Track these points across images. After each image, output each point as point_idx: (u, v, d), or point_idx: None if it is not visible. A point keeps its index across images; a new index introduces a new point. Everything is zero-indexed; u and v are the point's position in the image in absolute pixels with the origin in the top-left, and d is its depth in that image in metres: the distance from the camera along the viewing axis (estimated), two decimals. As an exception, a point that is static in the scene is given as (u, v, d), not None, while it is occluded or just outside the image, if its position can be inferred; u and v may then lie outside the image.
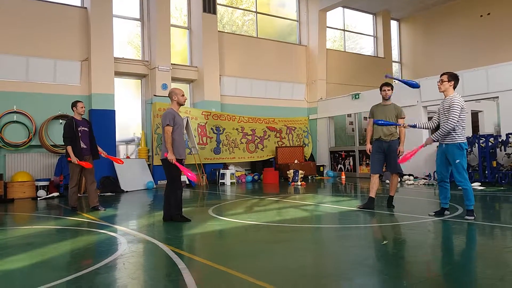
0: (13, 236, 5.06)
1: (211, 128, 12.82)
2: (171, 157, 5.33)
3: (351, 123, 15.00)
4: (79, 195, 7.45)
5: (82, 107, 6.87)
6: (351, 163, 13.90)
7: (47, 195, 9.51)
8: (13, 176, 9.62)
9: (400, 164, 5.96)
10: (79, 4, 11.33)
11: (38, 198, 9.31)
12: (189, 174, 5.40)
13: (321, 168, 14.22)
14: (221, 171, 12.13)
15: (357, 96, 13.81)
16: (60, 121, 10.45)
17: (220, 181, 11.98)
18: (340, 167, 14.23)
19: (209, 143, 12.73)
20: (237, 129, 13.45)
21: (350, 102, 14.06)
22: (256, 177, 13.04)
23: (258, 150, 13.88)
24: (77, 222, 5.88)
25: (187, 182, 11.29)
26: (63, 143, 6.90)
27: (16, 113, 9.89)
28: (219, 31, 13.53)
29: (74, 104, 6.90)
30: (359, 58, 17.61)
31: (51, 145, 10.18)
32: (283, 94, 15.12)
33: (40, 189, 9.61)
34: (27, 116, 10.00)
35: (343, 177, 12.70)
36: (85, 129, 6.86)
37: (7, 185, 9.35)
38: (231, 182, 11.88)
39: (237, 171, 12.82)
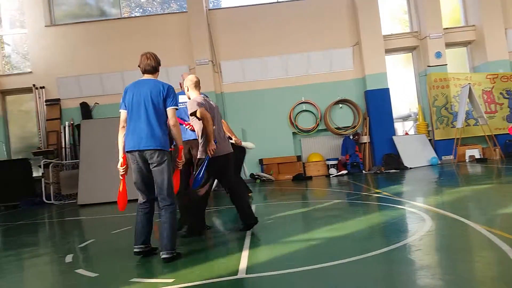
0: (316, 209, 5.80)
1: (500, 93, 11.01)
2: None
3: None
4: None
5: None
6: None
7: (337, 172, 10.62)
8: (308, 157, 11.22)
9: None
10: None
11: (330, 175, 10.54)
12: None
13: None
14: (519, 142, 10.23)
15: None
16: (340, 105, 11.39)
17: (520, 153, 10.12)
18: None
19: (499, 111, 10.98)
20: (537, 88, 10.99)
21: None
22: None
23: None
24: (370, 197, 6.26)
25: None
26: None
27: (304, 103, 11.45)
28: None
29: None
30: None
31: (335, 128, 11.26)
32: None
33: (330, 167, 10.83)
34: (313, 105, 11.40)
35: None
36: None
37: (305, 165, 11.02)
38: (535, 155, 9.83)
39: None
